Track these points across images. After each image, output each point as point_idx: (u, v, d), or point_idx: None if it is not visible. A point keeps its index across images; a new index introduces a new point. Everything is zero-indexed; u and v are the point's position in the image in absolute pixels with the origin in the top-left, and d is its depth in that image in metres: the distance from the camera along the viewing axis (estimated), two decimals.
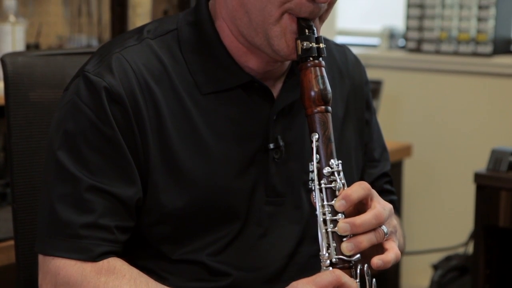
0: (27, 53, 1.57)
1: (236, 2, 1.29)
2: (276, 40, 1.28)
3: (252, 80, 1.34)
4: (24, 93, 1.50)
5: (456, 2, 3.77)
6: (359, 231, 1.20)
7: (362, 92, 1.52)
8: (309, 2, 1.26)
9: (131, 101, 1.27)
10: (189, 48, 1.34)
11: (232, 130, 1.33)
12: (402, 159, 3.55)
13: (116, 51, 1.31)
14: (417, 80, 3.90)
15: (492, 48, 3.69)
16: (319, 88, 1.24)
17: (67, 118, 1.28)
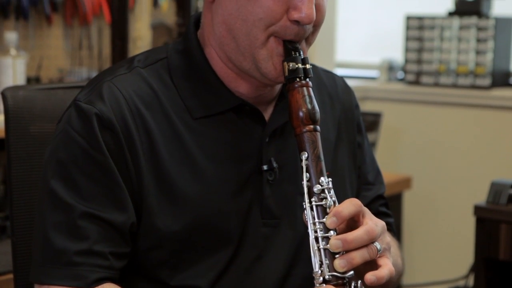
0: (27, 87, 1.58)
1: (223, 28, 1.31)
2: (264, 63, 1.29)
3: (243, 103, 1.35)
4: (25, 127, 1.51)
5: (454, 35, 3.79)
6: (351, 247, 1.20)
7: (353, 116, 1.53)
8: (294, 24, 1.27)
9: (122, 127, 1.29)
10: (179, 74, 1.35)
11: (225, 152, 1.34)
12: (402, 191, 3.55)
13: (107, 79, 1.33)
14: (416, 112, 3.91)
15: (490, 81, 3.70)
16: (307, 107, 1.26)
17: (60, 147, 1.30)
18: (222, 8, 1.30)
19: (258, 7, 1.26)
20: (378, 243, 1.23)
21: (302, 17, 1.26)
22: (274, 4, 1.26)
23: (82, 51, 3.36)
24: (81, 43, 3.35)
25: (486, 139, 3.73)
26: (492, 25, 3.68)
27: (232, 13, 1.29)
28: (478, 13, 3.73)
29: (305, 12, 1.26)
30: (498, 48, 3.72)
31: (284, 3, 1.27)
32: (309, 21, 1.27)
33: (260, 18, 1.27)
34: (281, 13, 1.27)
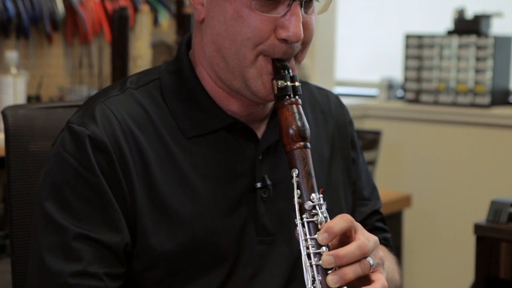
0: (28, 106, 1.58)
1: (212, 48, 1.32)
2: (253, 82, 1.30)
3: (235, 121, 1.36)
4: (25, 145, 1.51)
5: (453, 53, 3.80)
6: (343, 262, 1.19)
7: (347, 132, 1.54)
8: (282, 43, 1.28)
9: (115, 147, 1.29)
10: (171, 95, 1.36)
11: (218, 171, 1.34)
12: (402, 209, 3.54)
13: (100, 101, 1.34)
14: (416, 130, 3.92)
15: (490, 99, 3.71)
16: (297, 124, 1.26)
17: (53, 170, 1.31)
18: (211, 29, 1.31)
19: (246, 26, 1.27)
20: (371, 258, 1.23)
21: (289, 36, 1.27)
22: (261, 23, 1.27)
23: (82, 69, 3.37)
24: (81, 62, 3.36)
25: (486, 157, 3.73)
26: (491, 44, 3.69)
27: (220, 33, 1.30)
28: (477, 32, 3.74)
29: (292, 30, 1.27)
30: (497, 67, 3.73)
31: (271, 22, 1.28)
32: (297, 39, 1.28)
33: (248, 37, 1.28)
34: (269, 32, 1.28)
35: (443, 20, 4.00)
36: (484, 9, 3.84)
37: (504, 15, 3.81)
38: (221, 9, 1.29)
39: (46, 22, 3.10)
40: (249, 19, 1.27)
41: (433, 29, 3.98)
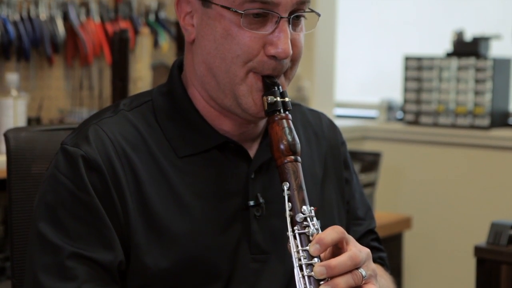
0: (29, 128, 1.58)
1: (203, 67, 1.34)
2: (244, 99, 1.32)
3: (227, 140, 1.38)
4: (26, 168, 1.51)
5: (453, 75, 3.81)
6: (335, 273, 1.20)
7: (339, 152, 1.55)
8: (271, 59, 1.30)
9: (108, 167, 1.31)
10: (164, 115, 1.38)
11: (211, 189, 1.36)
12: (402, 231, 3.54)
13: (93, 123, 1.36)
14: (416, 152, 3.92)
15: (489, 121, 3.72)
16: (287, 139, 1.28)
17: (47, 191, 1.32)
18: (201, 48, 1.33)
19: (235, 44, 1.30)
20: (363, 270, 1.23)
21: (278, 52, 1.29)
22: (250, 40, 1.29)
23: (82, 91, 3.37)
24: (81, 84, 3.37)
25: (485, 179, 3.73)
26: (490, 66, 3.71)
27: (210, 51, 1.32)
28: (476, 54, 3.76)
29: (281, 47, 1.29)
30: (497, 89, 3.74)
31: (260, 39, 1.30)
32: (285, 55, 1.30)
33: (237, 55, 1.30)
34: (258, 49, 1.30)
35: (442, 42, 4.02)
36: (483, 31, 3.85)
37: (502, 37, 3.82)
38: (210, 28, 1.31)
39: (47, 45, 3.12)
40: (238, 37, 1.29)
41: (432, 51, 3.99)
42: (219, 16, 1.30)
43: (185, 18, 1.36)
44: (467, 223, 3.75)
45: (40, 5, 3.11)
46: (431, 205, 3.87)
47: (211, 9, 1.31)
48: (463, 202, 3.78)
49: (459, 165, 3.80)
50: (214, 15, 1.31)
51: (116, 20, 3.39)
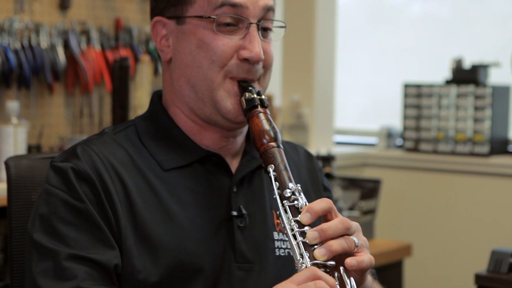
0: (30, 156, 1.59)
1: (182, 81, 1.43)
2: (222, 103, 1.41)
3: (209, 154, 1.44)
4: (27, 195, 1.52)
5: (452, 103, 3.82)
6: (328, 236, 1.23)
7: (317, 178, 1.61)
8: (244, 63, 1.40)
9: (98, 177, 1.36)
10: (147, 136, 1.45)
11: (196, 200, 1.41)
12: (403, 258, 3.53)
13: (80, 144, 1.42)
14: (416, 179, 3.92)
15: (489, 148, 3.72)
16: (267, 128, 1.35)
17: (40, 205, 1.36)
18: (178, 63, 1.43)
19: (210, 50, 1.39)
20: (355, 238, 1.26)
21: (251, 56, 1.39)
22: (224, 45, 1.39)
23: (83, 119, 3.38)
24: (82, 111, 3.37)
25: (485, 206, 3.73)
26: (490, 93, 3.72)
27: (188, 63, 1.41)
28: (475, 82, 3.77)
29: (252, 50, 1.39)
30: (496, 116, 3.75)
31: (233, 45, 1.40)
32: (258, 57, 1.40)
33: (213, 60, 1.39)
34: (231, 53, 1.40)
35: (441, 70, 4.04)
36: (481, 59, 3.87)
37: (501, 65, 3.84)
38: (186, 42, 1.41)
39: (47, 72, 3.13)
40: (212, 42, 1.39)
41: (432, 79, 4.01)
42: (193, 28, 1.40)
43: (161, 41, 1.45)
44: (468, 250, 3.74)
45: (41, 33, 3.13)
46: (432, 233, 3.86)
47: (185, 25, 1.42)
48: (463, 230, 3.77)
49: (459, 192, 3.80)
50: (188, 29, 1.41)
51: (117, 48, 3.40)
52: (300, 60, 4.00)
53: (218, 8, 1.39)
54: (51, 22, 3.22)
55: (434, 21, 4.26)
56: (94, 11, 3.39)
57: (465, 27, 4.18)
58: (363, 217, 3.46)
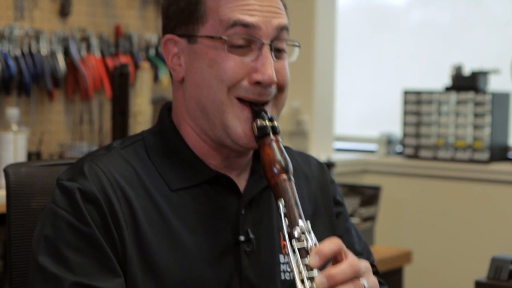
0: (29, 164, 1.59)
1: (193, 102, 1.39)
2: (233, 129, 1.36)
3: (218, 175, 1.40)
4: (26, 203, 1.52)
5: (452, 109, 3.83)
6: (337, 281, 1.20)
7: (329, 191, 1.57)
8: (256, 86, 1.35)
9: (105, 199, 1.33)
10: (156, 152, 1.41)
11: (203, 224, 1.38)
12: (403, 265, 3.53)
13: (87, 160, 1.39)
14: (416, 186, 3.92)
15: (488, 155, 3.72)
16: (279, 159, 1.31)
17: (46, 225, 1.33)
18: (190, 83, 1.39)
19: (221, 69, 1.35)
20: (364, 280, 1.23)
21: (263, 79, 1.34)
22: (235, 65, 1.35)
23: (83, 125, 3.38)
24: (82, 118, 3.38)
25: (485, 213, 3.72)
26: (489, 100, 3.72)
27: (199, 84, 1.37)
28: (475, 88, 3.77)
29: (265, 73, 1.34)
30: (496, 123, 3.75)
31: (245, 66, 1.35)
32: (270, 81, 1.34)
33: (222, 80, 1.35)
34: (242, 74, 1.35)
35: (441, 77, 4.04)
36: (481, 66, 3.87)
37: (501, 72, 3.84)
38: (198, 62, 1.37)
39: (48, 79, 3.13)
40: (224, 62, 1.35)
41: (431, 85, 4.01)
42: (205, 48, 1.36)
43: (173, 59, 1.41)
44: (468, 257, 3.74)
45: (41, 40, 3.13)
46: (432, 239, 3.86)
47: (197, 44, 1.37)
48: (463, 236, 3.77)
49: (458, 199, 3.80)
50: (200, 48, 1.37)
51: (117, 55, 3.41)
52: (300, 66, 4.01)
53: (230, 28, 1.35)
54: (51, 29, 3.23)
55: (434, 28, 4.26)
56: (94, 18, 3.40)
57: (464, 34, 4.18)
58: (363, 223, 3.46)
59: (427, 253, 3.84)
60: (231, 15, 1.34)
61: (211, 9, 1.36)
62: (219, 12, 1.35)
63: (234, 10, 1.35)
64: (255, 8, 1.35)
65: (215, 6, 1.36)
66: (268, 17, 1.36)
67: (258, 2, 1.36)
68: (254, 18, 1.34)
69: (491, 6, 4.17)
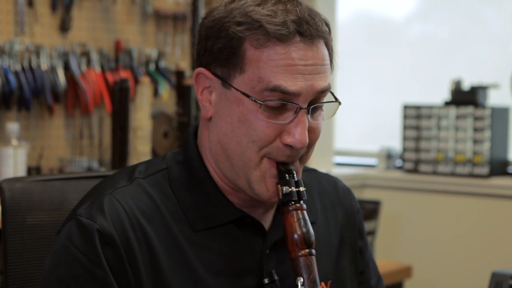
0: (25, 179, 1.58)
1: (218, 147, 1.32)
2: (257, 184, 1.30)
3: (244, 215, 1.35)
4: (22, 219, 1.51)
5: (451, 124, 3.83)
6: None
7: (355, 221, 1.53)
8: (286, 147, 1.29)
9: (124, 241, 1.28)
10: (180, 185, 1.36)
11: (226, 266, 1.33)
12: (403, 280, 3.52)
13: (108, 192, 1.33)
14: (415, 200, 3.92)
15: (488, 170, 3.72)
16: (302, 231, 1.26)
17: (60, 264, 1.29)
18: (217, 128, 1.32)
19: (252, 130, 1.28)
20: None
21: (294, 142, 1.28)
22: (268, 128, 1.28)
23: (82, 140, 3.39)
24: (82, 133, 3.39)
25: (485, 228, 3.72)
26: (489, 115, 3.72)
27: (227, 134, 1.31)
28: (474, 103, 3.78)
29: (297, 137, 1.27)
30: (495, 137, 3.75)
31: (277, 127, 1.28)
32: (302, 146, 1.28)
33: (253, 140, 1.28)
34: (274, 136, 1.28)
35: (440, 91, 4.05)
36: (480, 80, 3.88)
37: (500, 86, 3.85)
38: (228, 110, 1.30)
39: (48, 94, 3.14)
40: (256, 123, 1.27)
41: (431, 100, 4.01)
42: (237, 100, 1.29)
43: (203, 92, 1.34)
44: (468, 272, 3.73)
45: (42, 55, 3.15)
46: (431, 254, 3.85)
47: (230, 91, 1.30)
48: (463, 251, 3.76)
49: (458, 213, 3.79)
50: (233, 97, 1.29)
51: (117, 70, 3.42)
52: None
53: (268, 91, 1.26)
54: (52, 44, 3.24)
55: (433, 43, 4.27)
56: (94, 33, 3.41)
57: (464, 49, 4.19)
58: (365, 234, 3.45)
59: (427, 268, 3.83)
60: (273, 78, 1.26)
61: (251, 61, 1.27)
62: (259, 67, 1.27)
63: (276, 71, 1.26)
64: (299, 70, 1.27)
65: (256, 59, 1.27)
66: (310, 80, 1.28)
67: (302, 61, 1.27)
68: (296, 86, 1.26)
69: (490, 20, 4.18)
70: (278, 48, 1.26)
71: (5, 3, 3.13)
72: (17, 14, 3.15)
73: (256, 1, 1.30)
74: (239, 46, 1.28)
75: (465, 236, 3.76)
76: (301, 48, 1.27)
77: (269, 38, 1.26)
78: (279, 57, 1.26)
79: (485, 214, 3.72)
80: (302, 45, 1.27)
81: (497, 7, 4.16)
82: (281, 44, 1.27)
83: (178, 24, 3.68)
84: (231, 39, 1.28)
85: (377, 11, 4.53)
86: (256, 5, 1.29)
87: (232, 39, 1.28)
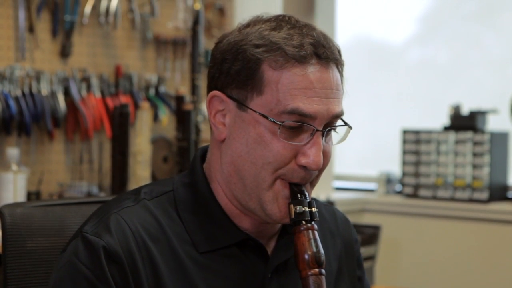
0: (25, 204, 1.59)
1: (231, 168, 1.33)
2: (269, 205, 1.31)
3: (247, 238, 1.36)
4: (22, 244, 1.51)
5: (451, 149, 3.84)
6: None
7: (353, 251, 1.54)
8: (301, 168, 1.30)
9: (129, 259, 1.29)
10: (186, 208, 1.36)
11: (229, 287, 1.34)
12: None
13: (114, 211, 1.34)
14: (415, 225, 3.92)
15: (488, 195, 3.72)
16: (313, 251, 1.27)
17: (65, 279, 1.30)
18: (231, 149, 1.33)
19: (268, 151, 1.29)
20: None
21: (309, 163, 1.29)
22: (283, 149, 1.29)
23: (82, 165, 3.39)
24: (81, 158, 3.39)
25: (484, 252, 3.71)
26: (488, 140, 3.73)
27: (242, 155, 1.31)
28: (474, 128, 3.79)
29: (313, 159, 1.29)
30: (495, 162, 3.75)
31: (293, 148, 1.29)
32: (317, 167, 1.30)
33: (269, 161, 1.29)
34: (290, 157, 1.30)
35: (439, 116, 4.06)
36: (479, 105, 3.89)
37: (499, 111, 3.86)
38: (243, 131, 1.31)
39: (48, 119, 3.15)
40: (272, 144, 1.29)
41: (430, 125, 4.03)
42: (254, 122, 1.30)
43: (216, 115, 1.34)
44: None
45: (42, 80, 3.16)
46: (431, 278, 3.84)
47: (246, 113, 1.30)
48: (462, 276, 3.76)
49: (458, 238, 3.79)
50: (249, 119, 1.30)
51: (117, 95, 3.43)
52: None
53: (286, 113, 1.27)
54: (52, 69, 3.26)
55: (432, 67, 4.29)
56: (94, 59, 3.43)
57: (463, 73, 4.21)
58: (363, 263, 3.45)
59: None
60: (291, 101, 1.27)
61: (270, 82, 1.28)
62: (278, 89, 1.28)
63: (294, 94, 1.28)
64: (317, 93, 1.29)
65: (275, 80, 1.28)
66: (326, 104, 1.30)
67: (319, 84, 1.29)
68: (314, 109, 1.28)
69: (489, 45, 4.20)
70: (296, 70, 1.28)
71: (6, 29, 3.15)
72: (17, 40, 3.17)
73: (272, 26, 1.31)
74: (258, 68, 1.29)
75: (464, 261, 3.76)
76: (318, 70, 1.30)
77: (287, 59, 1.28)
78: (297, 79, 1.28)
79: (484, 239, 3.71)
80: (319, 67, 1.30)
81: (496, 31, 4.18)
82: (300, 66, 1.29)
83: (178, 50, 3.70)
84: (249, 61, 1.30)
85: (376, 36, 4.55)
86: (272, 29, 1.31)
87: (250, 61, 1.29)
